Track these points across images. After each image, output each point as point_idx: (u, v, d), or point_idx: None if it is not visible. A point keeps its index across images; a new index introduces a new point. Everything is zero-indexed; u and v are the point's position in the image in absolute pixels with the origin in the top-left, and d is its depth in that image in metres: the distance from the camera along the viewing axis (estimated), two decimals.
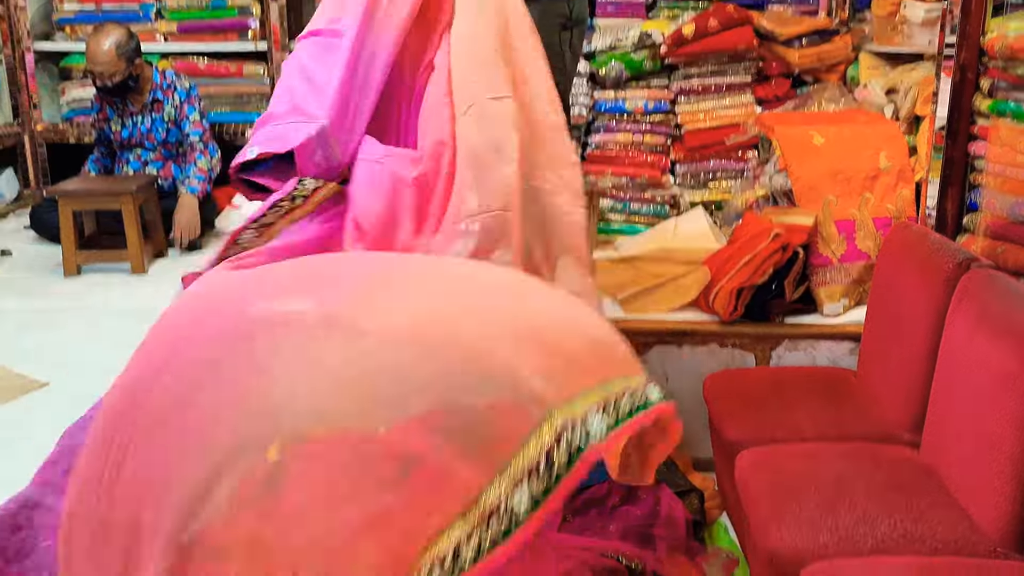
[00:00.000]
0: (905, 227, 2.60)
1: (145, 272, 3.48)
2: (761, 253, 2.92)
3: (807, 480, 2.09)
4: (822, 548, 1.90)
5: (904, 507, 1.99)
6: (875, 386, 2.53)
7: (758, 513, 2.05)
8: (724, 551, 2.55)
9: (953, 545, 1.91)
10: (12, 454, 2.08)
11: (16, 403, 2.31)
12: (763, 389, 2.57)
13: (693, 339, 3.00)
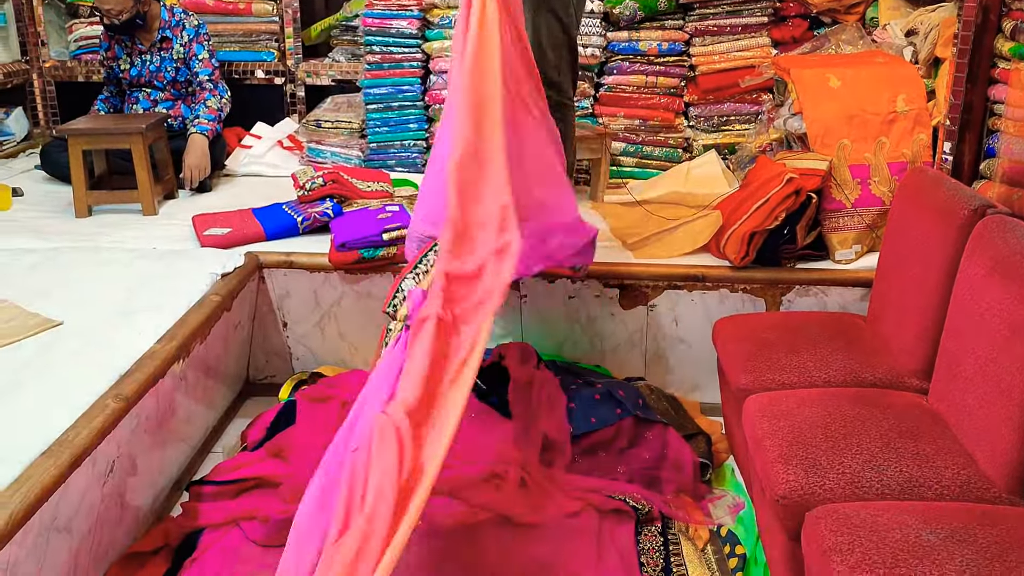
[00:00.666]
0: (921, 172, 2.57)
1: (156, 213, 3.48)
2: (774, 198, 2.90)
3: (815, 425, 2.10)
4: (828, 492, 1.92)
5: (911, 453, 2.00)
6: (885, 332, 2.52)
7: (765, 457, 2.07)
8: (730, 494, 2.58)
9: (959, 491, 1.92)
10: (30, 390, 2.10)
11: (31, 341, 2.33)
12: (772, 334, 2.57)
13: (703, 284, 3.00)
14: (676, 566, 2.32)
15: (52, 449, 1.90)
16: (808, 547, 1.81)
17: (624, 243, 3.19)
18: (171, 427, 2.52)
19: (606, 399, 2.73)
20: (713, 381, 2.90)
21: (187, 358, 2.54)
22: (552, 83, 3.04)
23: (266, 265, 3.07)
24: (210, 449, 2.87)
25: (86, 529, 2.07)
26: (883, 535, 1.73)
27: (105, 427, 2.04)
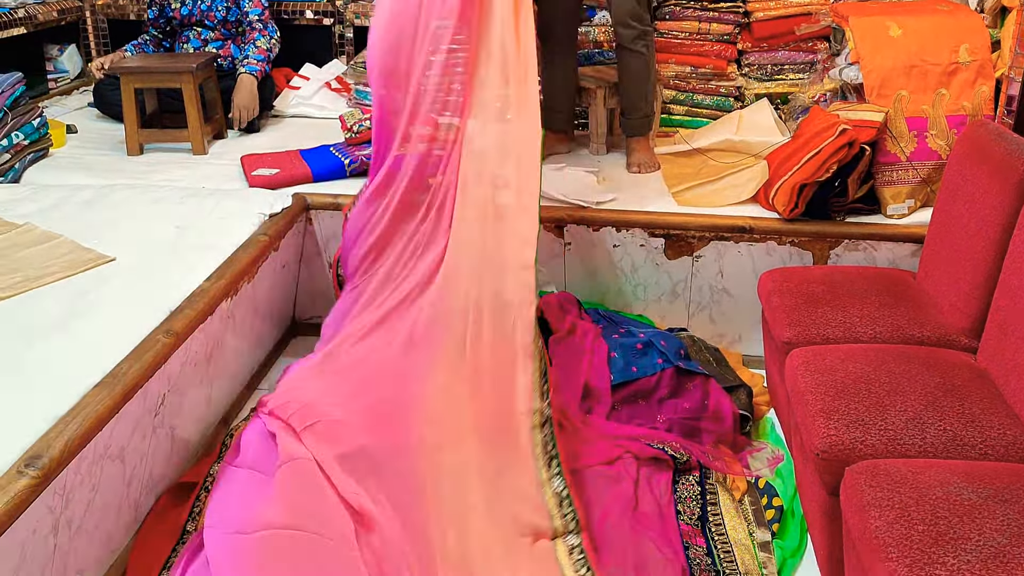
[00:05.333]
0: (981, 126, 2.49)
1: (205, 153, 3.51)
2: (826, 149, 2.84)
3: (858, 380, 2.08)
4: (870, 448, 1.91)
5: (956, 411, 1.98)
6: (935, 289, 2.48)
7: (807, 410, 2.06)
8: (769, 446, 2.58)
9: (1003, 451, 1.90)
10: (85, 323, 2.16)
11: (85, 276, 2.39)
12: (819, 288, 2.54)
13: (751, 236, 2.96)
14: (712, 515, 2.33)
15: (106, 381, 1.96)
16: (846, 502, 1.81)
17: (670, 192, 3.15)
18: (219, 363, 2.58)
19: (648, 349, 2.73)
20: (756, 334, 2.89)
21: (235, 296, 2.58)
22: (632, 13, 3.07)
23: (313, 207, 3.09)
24: (256, 386, 2.93)
25: (137, 459, 2.14)
26: (923, 492, 1.72)
27: (156, 361, 2.10)
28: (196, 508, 2.27)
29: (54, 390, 1.89)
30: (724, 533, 2.28)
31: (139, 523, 2.21)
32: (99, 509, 1.99)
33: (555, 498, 2.17)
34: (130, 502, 2.15)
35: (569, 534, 2.12)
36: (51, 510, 1.79)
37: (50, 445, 1.73)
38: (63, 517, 1.84)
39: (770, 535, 2.28)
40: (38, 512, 1.74)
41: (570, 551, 2.08)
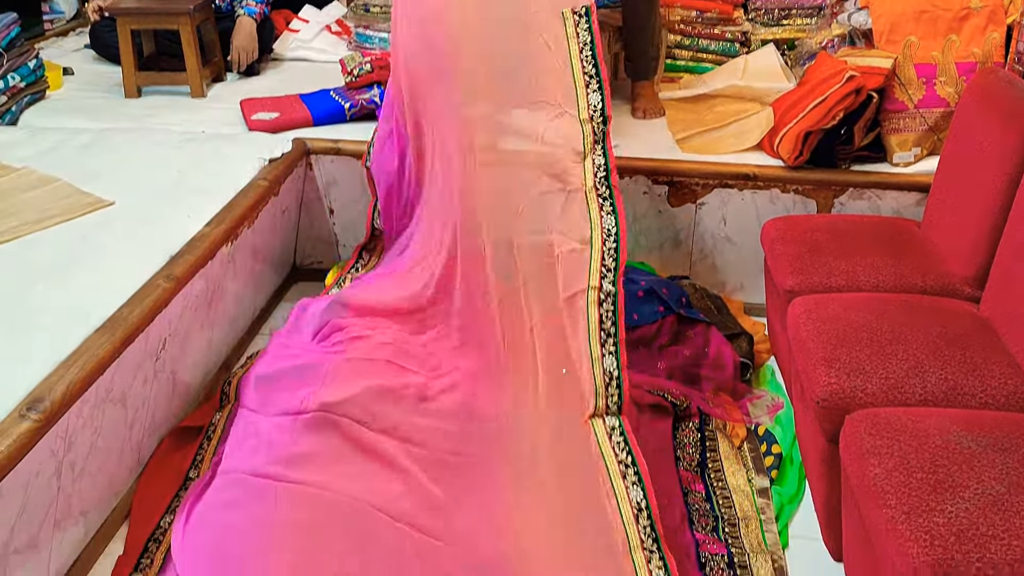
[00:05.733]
0: (991, 73, 2.45)
1: (204, 96, 3.47)
2: (833, 96, 2.80)
3: (860, 329, 2.08)
4: (870, 396, 1.91)
5: (958, 360, 1.98)
6: (940, 238, 2.47)
7: (807, 359, 2.06)
8: (770, 394, 2.59)
9: (1004, 400, 1.90)
10: (85, 267, 2.15)
11: (84, 220, 2.37)
12: (822, 236, 2.53)
13: (755, 183, 2.94)
14: (712, 462, 2.35)
15: (106, 325, 1.96)
16: (846, 449, 1.81)
17: (675, 139, 3.12)
18: (219, 309, 2.57)
19: (649, 296, 2.72)
20: (759, 282, 2.88)
21: (235, 241, 2.57)
22: None
23: (313, 151, 3.06)
24: (257, 331, 2.93)
25: (140, 403, 2.15)
26: (923, 440, 1.73)
27: (156, 306, 2.09)
28: (199, 456, 2.28)
29: (55, 334, 1.89)
30: (723, 479, 2.30)
31: (142, 466, 2.23)
32: (101, 452, 2.01)
33: (604, 376, 2.13)
34: (132, 445, 2.16)
35: (609, 415, 2.06)
36: (54, 453, 1.80)
37: (52, 389, 1.74)
38: (66, 460, 1.85)
39: (768, 482, 2.29)
40: (41, 455, 1.75)
41: (610, 432, 2.02)
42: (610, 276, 2.30)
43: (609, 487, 1.92)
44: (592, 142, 2.54)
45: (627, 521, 1.83)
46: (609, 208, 2.42)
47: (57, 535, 1.88)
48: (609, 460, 1.96)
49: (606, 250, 2.35)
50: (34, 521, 1.78)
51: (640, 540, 1.80)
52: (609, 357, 2.16)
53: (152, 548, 2.03)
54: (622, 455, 1.98)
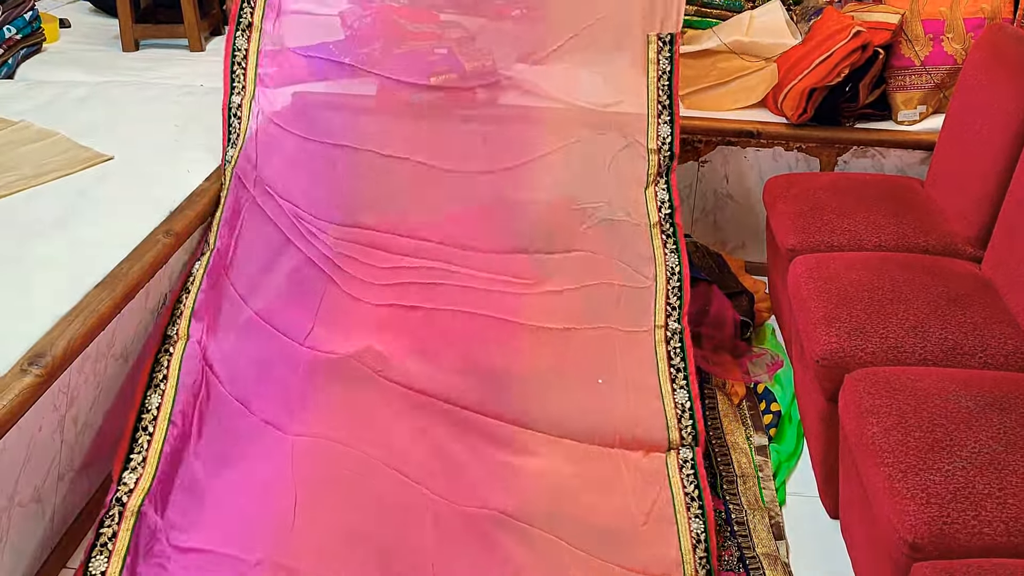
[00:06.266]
0: (999, 29, 2.42)
1: (202, 49, 3.43)
2: (838, 52, 2.77)
3: (861, 288, 2.08)
4: (870, 356, 1.92)
5: (958, 320, 1.98)
6: (943, 197, 2.45)
7: (808, 318, 2.06)
8: (769, 353, 2.60)
9: (1003, 360, 1.91)
10: (85, 222, 2.14)
11: (83, 174, 2.36)
12: (825, 195, 2.51)
13: (758, 140, 2.92)
14: (711, 419, 2.36)
15: (107, 281, 1.96)
16: (845, 408, 1.82)
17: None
18: None
19: None
20: (760, 240, 2.87)
21: None
22: None
23: None
24: None
25: (141, 358, 2.15)
26: (921, 399, 1.74)
27: (156, 261, 2.09)
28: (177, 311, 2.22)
29: (55, 289, 1.89)
30: (722, 436, 2.32)
31: None
32: (104, 407, 2.01)
33: (676, 410, 2.17)
34: (134, 401, 2.17)
35: (683, 447, 2.11)
36: (56, 408, 1.81)
37: (53, 344, 1.74)
38: (68, 415, 1.86)
39: (767, 439, 2.31)
40: (43, 410, 1.76)
41: (681, 465, 2.07)
42: (675, 314, 2.36)
43: (671, 514, 1.97)
44: (656, 174, 2.57)
45: (684, 549, 1.89)
46: (672, 246, 2.47)
47: (61, 488, 1.89)
48: (676, 490, 2.01)
49: (670, 288, 2.40)
50: (38, 475, 1.79)
51: (695, 570, 1.87)
52: (680, 391, 2.21)
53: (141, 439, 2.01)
54: (689, 488, 2.03)
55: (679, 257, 2.45)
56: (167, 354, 2.09)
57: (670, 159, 2.58)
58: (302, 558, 1.79)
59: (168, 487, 1.89)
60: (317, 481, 1.96)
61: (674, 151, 2.58)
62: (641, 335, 2.32)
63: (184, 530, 1.84)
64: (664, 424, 2.14)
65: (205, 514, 1.88)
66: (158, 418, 1.97)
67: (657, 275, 2.43)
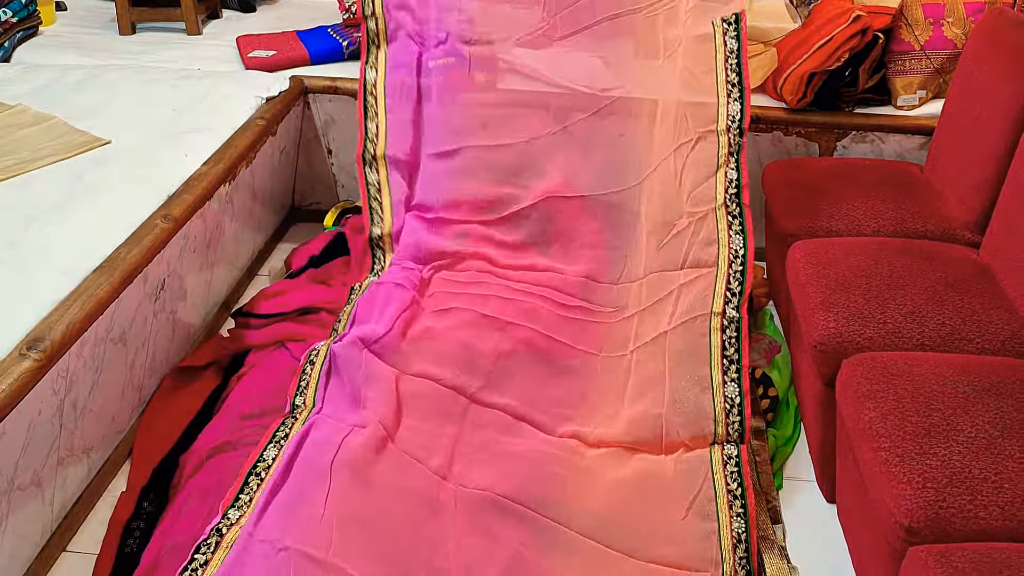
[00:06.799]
0: (1000, 14, 2.41)
1: (199, 33, 3.41)
2: (838, 36, 2.75)
3: (859, 274, 2.08)
4: (867, 341, 1.92)
5: (956, 306, 1.98)
6: (942, 183, 2.45)
7: (806, 303, 2.06)
8: (768, 337, 2.60)
9: (1000, 345, 1.91)
10: (82, 207, 2.14)
11: (80, 158, 2.35)
12: (824, 180, 2.51)
13: (756, 126, 2.91)
14: None
15: (104, 265, 1.96)
16: (842, 393, 1.83)
17: None
18: (218, 249, 2.57)
19: None
20: (758, 225, 2.87)
21: (233, 181, 2.55)
22: None
23: (311, 90, 3.03)
24: (256, 272, 2.93)
25: (140, 343, 2.16)
26: (918, 384, 1.74)
27: (154, 246, 2.09)
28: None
29: (54, 274, 1.89)
30: None
31: (143, 405, 2.25)
32: (103, 392, 2.02)
33: (725, 404, 2.11)
34: (134, 385, 2.18)
35: (728, 443, 2.06)
36: (55, 392, 1.81)
37: (51, 328, 1.74)
38: (67, 399, 1.87)
39: (764, 424, 2.31)
40: (42, 394, 1.76)
41: (725, 461, 2.01)
42: (734, 301, 2.26)
43: (713, 511, 1.91)
44: (727, 154, 2.48)
45: (724, 548, 1.83)
46: (738, 227, 2.37)
47: (60, 472, 1.90)
48: (719, 487, 1.95)
49: (732, 273, 2.31)
50: (37, 458, 1.79)
51: (735, 570, 1.80)
52: (731, 384, 2.14)
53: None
54: (732, 485, 1.95)
55: (744, 239, 2.35)
56: (293, 418, 2.10)
57: (739, 136, 2.49)
58: (328, 550, 1.77)
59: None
60: (353, 472, 1.93)
61: (743, 127, 2.51)
62: (691, 322, 2.26)
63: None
64: (712, 418, 2.09)
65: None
66: (271, 467, 1.95)
67: (719, 258, 2.33)
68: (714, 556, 1.81)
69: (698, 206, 2.47)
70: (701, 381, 2.16)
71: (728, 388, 2.14)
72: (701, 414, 2.10)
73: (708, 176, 2.51)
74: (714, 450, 2.05)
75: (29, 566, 1.82)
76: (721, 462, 2.02)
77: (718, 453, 2.04)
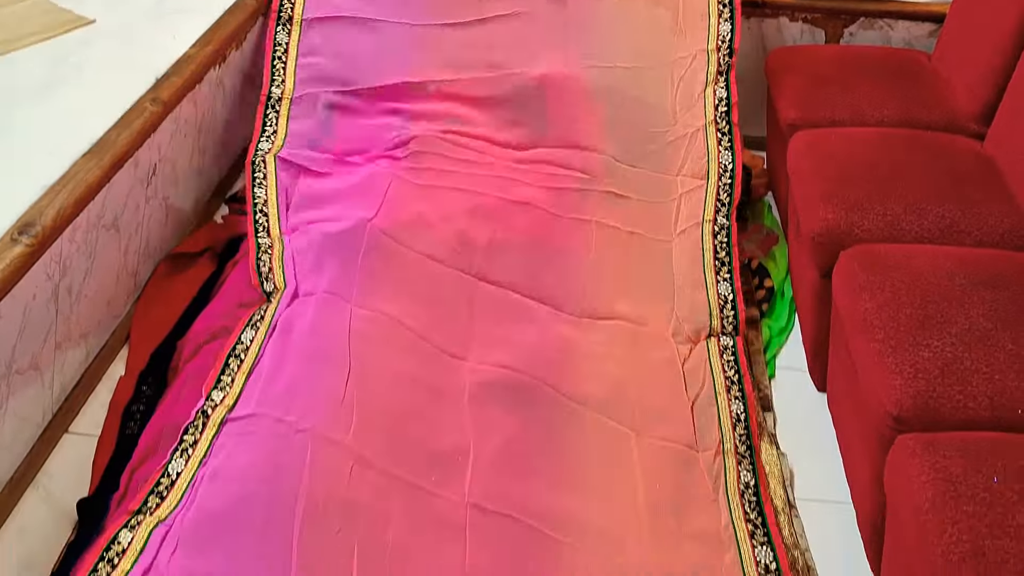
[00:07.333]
0: None
1: None
2: None
3: (862, 165, 2.05)
4: (866, 233, 1.91)
5: (957, 198, 1.96)
6: (949, 72, 2.40)
7: (806, 193, 2.04)
8: (765, 228, 2.59)
9: (999, 238, 1.90)
10: (68, 89, 2.08)
11: (64, 38, 2.28)
12: (829, 68, 2.45)
13: (762, 11, 2.82)
14: None
15: (94, 150, 1.92)
16: (838, 285, 1.83)
17: None
18: (210, 134, 2.52)
19: None
20: (760, 114, 2.82)
21: (223, 64, 2.48)
22: None
23: None
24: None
25: (133, 228, 2.14)
26: (915, 276, 1.74)
27: (144, 130, 2.05)
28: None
29: (42, 158, 1.86)
30: None
31: (139, 291, 2.25)
32: (98, 277, 2.01)
33: (719, 300, 2.22)
34: (128, 270, 2.17)
35: (724, 335, 2.17)
36: (49, 277, 1.81)
37: (42, 213, 1.72)
38: (62, 284, 1.86)
39: (759, 314, 2.33)
40: (36, 279, 1.75)
41: (722, 351, 2.12)
42: (724, 210, 2.40)
43: (713, 396, 2.02)
44: (716, 72, 2.56)
45: (724, 428, 1.93)
46: (727, 144, 2.50)
47: (59, 357, 1.91)
48: (717, 376, 2.06)
49: (721, 185, 2.44)
50: (35, 343, 1.80)
51: (735, 445, 1.91)
52: (724, 283, 2.27)
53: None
54: (730, 372, 2.07)
55: (733, 155, 2.48)
56: (268, 302, 2.15)
57: (729, 56, 2.57)
58: (348, 433, 1.82)
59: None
60: (371, 357, 1.98)
61: (733, 48, 2.58)
62: (690, 229, 2.38)
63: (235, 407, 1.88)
64: (708, 313, 2.19)
65: (258, 384, 1.91)
66: (249, 349, 2.01)
67: (709, 172, 2.46)
68: (716, 436, 1.92)
69: (689, 124, 2.54)
70: (695, 282, 2.26)
71: (721, 287, 2.26)
72: (697, 309, 2.20)
73: (699, 94, 2.56)
74: (711, 342, 2.14)
75: (32, 447, 1.85)
76: (718, 352, 2.12)
77: (715, 345, 2.13)
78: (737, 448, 1.90)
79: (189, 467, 1.76)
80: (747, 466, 1.88)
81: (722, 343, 2.15)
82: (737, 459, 1.88)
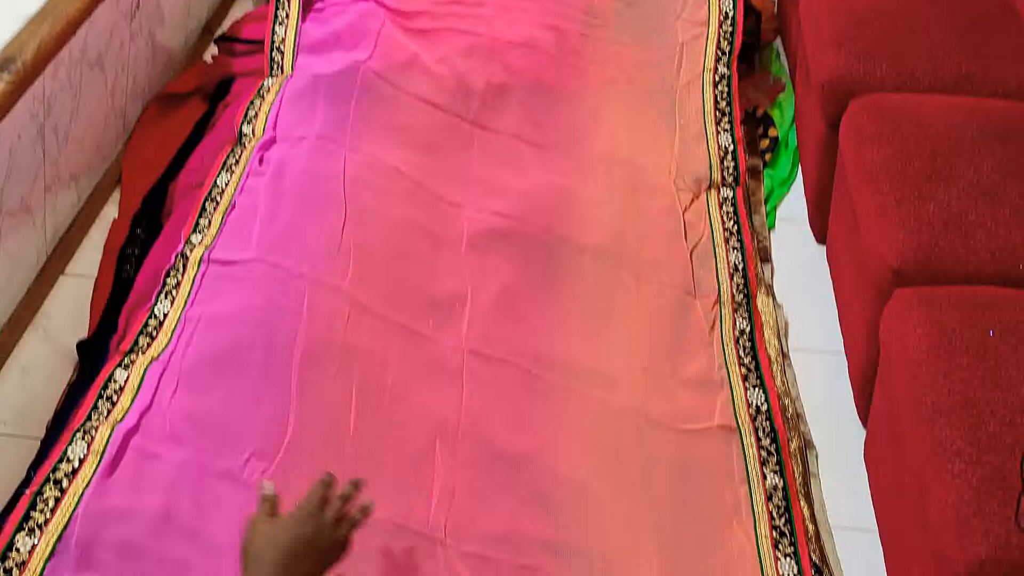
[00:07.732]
0: None
1: None
2: None
3: (879, 11, 1.97)
4: (878, 82, 1.85)
5: (974, 47, 1.89)
6: None
7: (817, 40, 1.96)
8: (771, 75, 2.51)
9: (1015, 89, 1.84)
10: None
11: None
12: None
13: None
14: None
15: None
16: (846, 135, 1.78)
17: None
18: None
19: None
20: None
21: None
22: None
23: None
24: None
25: (119, 67, 2.07)
26: (925, 128, 1.69)
27: None
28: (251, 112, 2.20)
29: None
30: None
31: (128, 132, 2.19)
32: (85, 117, 1.96)
33: (719, 151, 2.19)
34: (116, 111, 2.11)
35: (724, 187, 2.14)
36: (34, 116, 1.76)
37: (22, 48, 1.65)
38: (47, 124, 1.81)
39: (761, 164, 2.29)
40: (20, 118, 1.70)
41: (721, 202, 2.10)
42: (724, 59, 2.35)
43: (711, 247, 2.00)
44: None
45: (721, 279, 1.93)
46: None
47: (49, 199, 1.88)
48: (716, 227, 2.04)
49: (722, 32, 2.38)
50: (23, 184, 1.77)
51: (732, 295, 1.90)
52: (724, 134, 2.22)
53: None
54: (728, 223, 2.05)
55: (735, 1, 2.42)
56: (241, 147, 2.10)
57: None
58: (345, 279, 1.82)
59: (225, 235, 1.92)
60: (368, 203, 1.96)
61: None
62: (692, 80, 2.33)
63: (227, 248, 1.87)
64: (708, 165, 2.16)
65: (253, 229, 1.90)
66: (225, 192, 1.99)
67: (710, 19, 2.39)
68: (713, 285, 1.93)
69: None
70: (696, 133, 2.22)
71: (722, 137, 2.22)
72: (698, 160, 2.17)
73: None
74: (711, 195, 2.12)
75: (28, 288, 1.85)
76: (717, 204, 2.10)
77: (715, 197, 2.11)
78: (734, 298, 1.91)
79: (175, 308, 1.78)
80: (743, 314, 1.89)
81: (722, 195, 2.12)
82: (733, 307, 1.89)
